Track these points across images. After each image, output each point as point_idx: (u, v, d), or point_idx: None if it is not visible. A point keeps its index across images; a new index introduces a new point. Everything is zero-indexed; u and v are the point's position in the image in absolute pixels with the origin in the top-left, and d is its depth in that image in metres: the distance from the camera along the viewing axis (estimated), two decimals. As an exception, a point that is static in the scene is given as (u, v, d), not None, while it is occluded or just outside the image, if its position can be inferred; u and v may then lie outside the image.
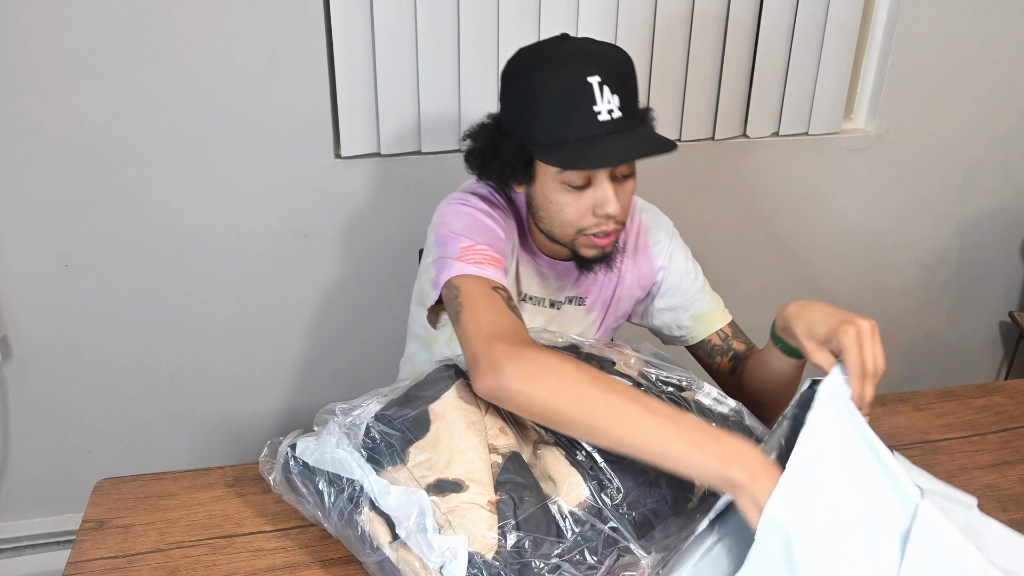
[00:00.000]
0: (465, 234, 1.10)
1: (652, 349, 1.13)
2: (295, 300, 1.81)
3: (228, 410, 1.89)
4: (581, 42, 1.08)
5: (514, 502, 0.87)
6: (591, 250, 1.14)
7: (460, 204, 1.16)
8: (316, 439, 0.96)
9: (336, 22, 1.60)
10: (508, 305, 1.02)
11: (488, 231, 1.12)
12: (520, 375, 0.91)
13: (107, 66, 1.54)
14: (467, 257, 1.07)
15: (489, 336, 0.95)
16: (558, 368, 0.91)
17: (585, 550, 0.85)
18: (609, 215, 1.08)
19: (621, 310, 1.32)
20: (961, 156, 2.09)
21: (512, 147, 1.09)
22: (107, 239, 1.66)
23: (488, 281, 1.04)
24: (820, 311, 0.99)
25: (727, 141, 1.91)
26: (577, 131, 1.03)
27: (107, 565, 0.96)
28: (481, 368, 0.93)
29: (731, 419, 1.03)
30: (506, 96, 1.11)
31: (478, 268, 1.06)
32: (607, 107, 1.03)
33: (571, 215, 1.10)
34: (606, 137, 1.03)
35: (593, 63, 1.03)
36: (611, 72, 1.03)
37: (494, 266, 1.06)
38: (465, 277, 1.05)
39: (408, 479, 0.89)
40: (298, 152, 1.68)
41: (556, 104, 1.04)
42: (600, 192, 1.07)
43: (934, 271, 2.22)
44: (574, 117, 1.03)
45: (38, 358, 1.74)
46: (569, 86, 1.03)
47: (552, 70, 1.04)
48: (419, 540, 0.85)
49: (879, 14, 1.94)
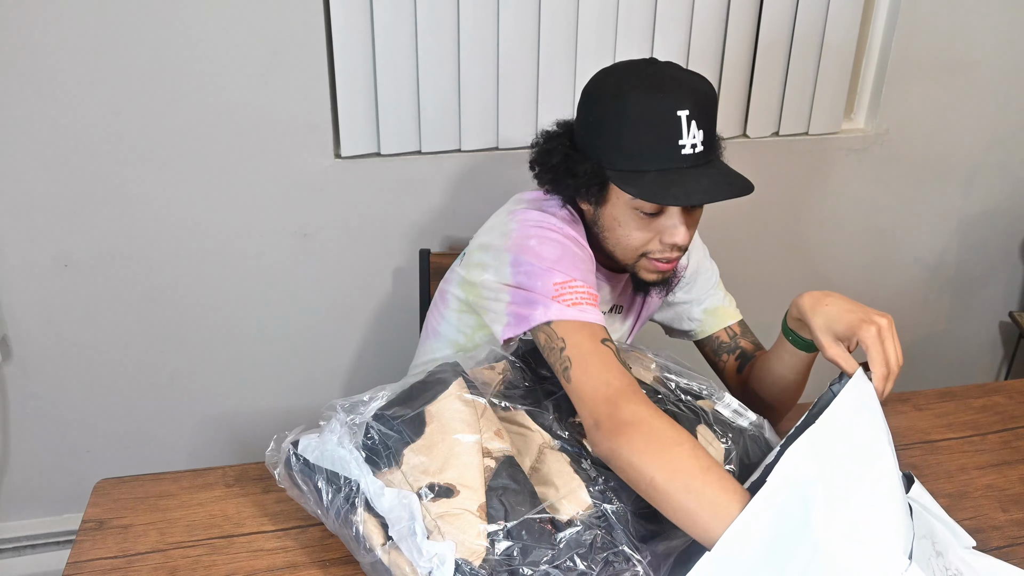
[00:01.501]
0: (558, 267, 1.04)
1: (672, 356, 1.13)
2: (295, 300, 1.81)
3: (228, 410, 1.89)
4: (670, 70, 1.05)
5: (505, 508, 0.87)
6: (652, 274, 1.13)
7: (545, 229, 1.08)
8: (319, 436, 0.96)
9: (336, 22, 1.60)
10: (618, 358, 0.98)
11: (581, 263, 1.07)
12: (634, 447, 0.88)
13: (107, 66, 1.54)
14: (564, 298, 1.01)
15: (607, 399, 0.93)
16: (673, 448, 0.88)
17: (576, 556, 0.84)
18: (677, 245, 1.07)
19: (649, 311, 1.33)
20: (961, 156, 2.09)
21: (590, 168, 1.06)
22: (107, 239, 1.66)
23: (595, 330, 1.00)
24: (836, 305, 0.99)
25: (727, 141, 1.90)
26: (659, 163, 1.02)
27: (107, 565, 0.96)
28: (603, 431, 0.91)
29: (748, 432, 1.03)
30: (588, 115, 1.08)
31: (579, 311, 1.00)
32: (691, 141, 1.01)
33: (638, 240, 1.08)
34: (688, 171, 1.02)
35: (684, 96, 1.01)
36: (699, 106, 1.02)
37: (593, 305, 1.02)
38: (568, 324, 0.99)
39: (402, 482, 0.89)
40: (298, 152, 1.68)
41: (641, 133, 1.02)
42: (671, 222, 1.06)
43: (934, 271, 2.22)
44: (659, 149, 1.01)
45: (38, 358, 1.74)
46: (657, 117, 1.01)
47: (641, 98, 1.02)
48: (409, 544, 0.85)
49: (879, 14, 1.94)
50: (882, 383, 0.93)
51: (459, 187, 1.77)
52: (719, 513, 0.83)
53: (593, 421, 0.93)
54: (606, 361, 0.97)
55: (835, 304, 0.99)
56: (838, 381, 0.95)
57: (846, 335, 0.97)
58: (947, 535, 0.96)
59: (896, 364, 0.93)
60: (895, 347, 0.94)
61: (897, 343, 0.94)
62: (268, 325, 1.82)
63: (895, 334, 0.95)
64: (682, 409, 1.01)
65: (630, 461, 0.88)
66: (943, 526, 0.96)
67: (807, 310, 1.01)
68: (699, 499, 0.84)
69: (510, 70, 1.70)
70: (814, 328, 1.00)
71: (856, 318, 0.95)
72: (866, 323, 0.94)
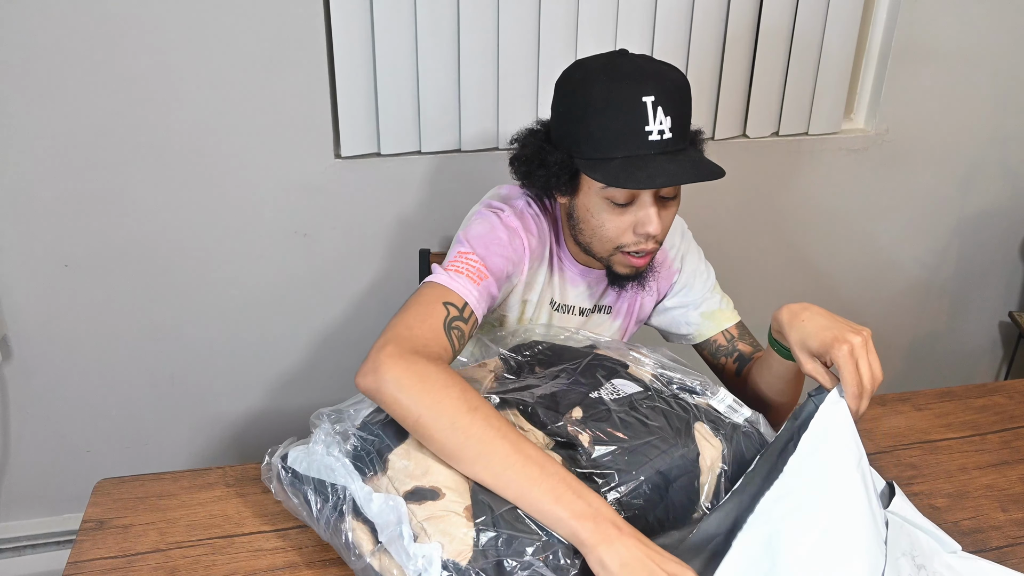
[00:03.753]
0: (471, 242, 1.09)
1: (668, 353, 1.13)
2: (295, 300, 1.81)
3: (228, 410, 1.89)
4: (639, 60, 1.07)
5: (491, 508, 0.87)
6: (626, 268, 1.14)
7: (489, 211, 1.15)
8: (307, 446, 0.96)
9: (336, 22, 1.60)
10: (445, 321, 1.00)
11: (498, 245, 1.11)
12: (400, 384, 0.90)
13: (107, 66, 1.54)
14: (453, 265, 1.07)
15: (394, 338, 0.94)
16: (440, 389, 0.89)
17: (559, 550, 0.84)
18: (649, 235, 1.08)
19: (642, 315, 1.33)
20: (961, 156, 2.09)
21: (559, 158, 1.08)
22: (107, 239, 1.66)
23: (446, 293, 1.03)
24: (811, 322, 0.98)
25: (727, 141, 1.91)
26: (626, 149, 1.02)
27: (107, 565, 0.96)
28: (367, 365, 0.92)
29: (743, 429, 1.02)
30: (558, 106, 1.10)
31: (450, 278, 1.05)
32: (659, 127, 1.02)
33: (611, 231, 1.09)
34: (655, 157, 1.02)
35: (649, 82, 1.02)
36: (666, 93, 1.03)
37: (472, 279, 1.05)
38: (433, 283, 1.04)
39: (388, 486, 0.89)
40: (298, 152, 1.68)
41: (608, 120, 1.03)
42: (643, 211, 1.07)
43: (934, 271, 2.22)
44: (625, 135, 1.02)
45: (38, 358, 1.74)
46: (623, 103, 1.02)
47: (607, 85, 1.03)
48: (397, 548, 0.86)
49: (879, 14, 1.94)
50: (855, 402, 0.91)
51: (459, 187, 1.77)
52: (484, 450, 0.86)
53: (375, 351, 0.93)
54: (428, 316, 0.99)
55: (811, 320, 0.98)
56: (817, 393, 0.95)
57: (820, 352, 0.95)
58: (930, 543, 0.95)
59: (871, 382, 0.91)
60: (870, 364, 0.92)
61: (874, 359, 0.92)
62: (268, 325, 1.82)
63: (871, 349, 0.93)
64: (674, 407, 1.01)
65: (396, 398, 0.89)
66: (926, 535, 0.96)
67: (785, 324, 1.01)
68: (466, 435, 0.86)
69: (510, 70, 1.70)
70: (791, 344, 0.99)
71: (830, 336, 0.94)
72: (839, 342, 0.92)
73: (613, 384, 1.03)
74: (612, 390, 1.02)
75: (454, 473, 0.89)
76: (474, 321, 1.05)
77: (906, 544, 0.91)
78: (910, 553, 0.90)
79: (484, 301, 1.07)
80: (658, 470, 0.93)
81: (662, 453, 0.95)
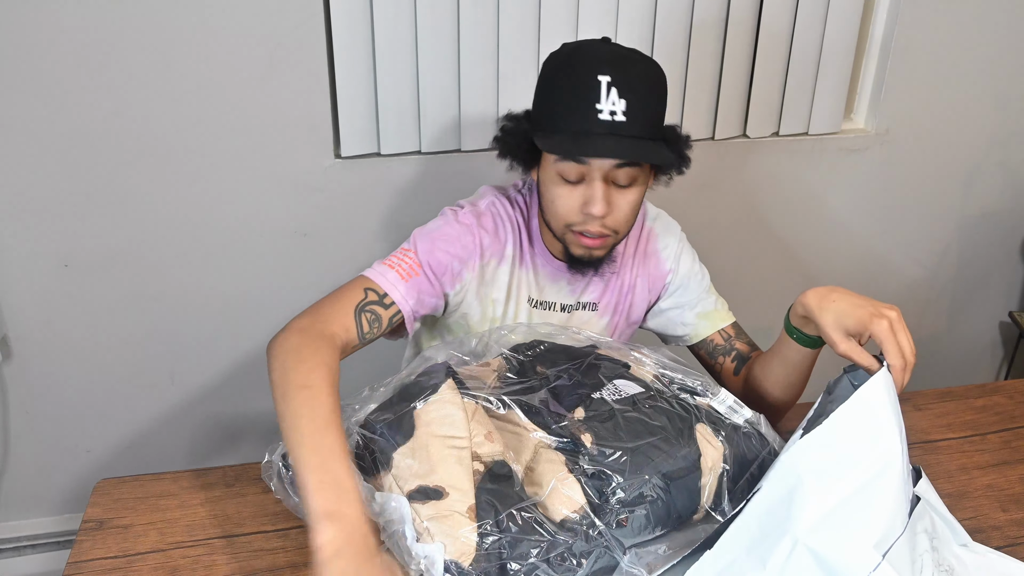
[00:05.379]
0: (416, 238, 1.18)
1: (669, 353, 1.13)
2: (295, 300, 1.80)
3: (228, 410, 1.89)
4: (617, 47, 1.10)
5: (495, 509, 0.87)
6: (579, 248, 1.15)
7: (448, 210, 1.22)
8: None
9: (336, 22, 1.60)
10: (358, 304, 1.08)
11: (443, 241, 1.17)
12: (275, 351, 1.00)
13: (107, 66, 1.54)
14: (388, 260, 1.15)
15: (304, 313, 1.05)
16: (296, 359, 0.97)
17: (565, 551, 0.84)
18: (593, 215, 1.09)
19: (634, 315, 1.32)
20: (961, 156, 2.09)
21: (521, 129, 1.14)
22: (107, 239, 1.66)
23: (370, 283, 1.12)
24: (844, 300, 0.99)
25: (727, 141, 1.91)
26: (575, 124, 1.05)
27: (107, 565, 0.96)
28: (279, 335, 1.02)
29: (743, 430, 1.02)
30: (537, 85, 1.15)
31: (382, 272, 1.13)
32: (610, 107, 1.03)
33: (561, 208, 1.11)
34: (602, 136, 1.04)
35: (607, 64, 1.04)
36: (627, 78, 1.04)
37: (401, 276, 1.13)
38: (363, 275, 1.13)
39: (392, 485, 0.89)
40: (298, 152, 1.68)
41: (562, 93, 1.07)
42: (590, 191, 1.08)
43: (934, 271, 2.22)
44: (576, 109, 1.05)
45: (38, 358, 1.74)
46: (577, 79, 1.05)
47: (570, 64, 1.08)
48: (400, 547, 0.85)
49: (879, 14, 1.94)
50: (900, 375, 0.93)
51: (459, 187, 1.77)
52: (292, 424, 0.91)
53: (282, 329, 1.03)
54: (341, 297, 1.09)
55: (842, 299, 0.99)
56: (853, 370, 0.95)
57: (857, 330, 0.97)
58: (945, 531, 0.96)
59: (911, 355, 0.94)
60: (908, 339, 0.94)
61: (908, 334, 0.95)
62: (268, 325, 1.82)
63: (905, 326, 0.95)
64: (675, 408, 1.01)
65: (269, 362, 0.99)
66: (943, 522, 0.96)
67: (814, 307, 1.01)
68: (286, 407, 0.93)
69: (510, 70, 1.70)
70: (823, 325, 0.99)
71: (867, 313, 0.96)
72: (877, 317, 0.94)
73: (615, 385, 1.03)
74: (614, 390, 1.02)
75: (459, 472, 0.89)
76: (396, 311, 1.12)
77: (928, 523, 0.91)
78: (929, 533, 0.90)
79: (411, 297, 1.13)
80: (660, 471, 0.93)
81: (664, 454, 0.95)
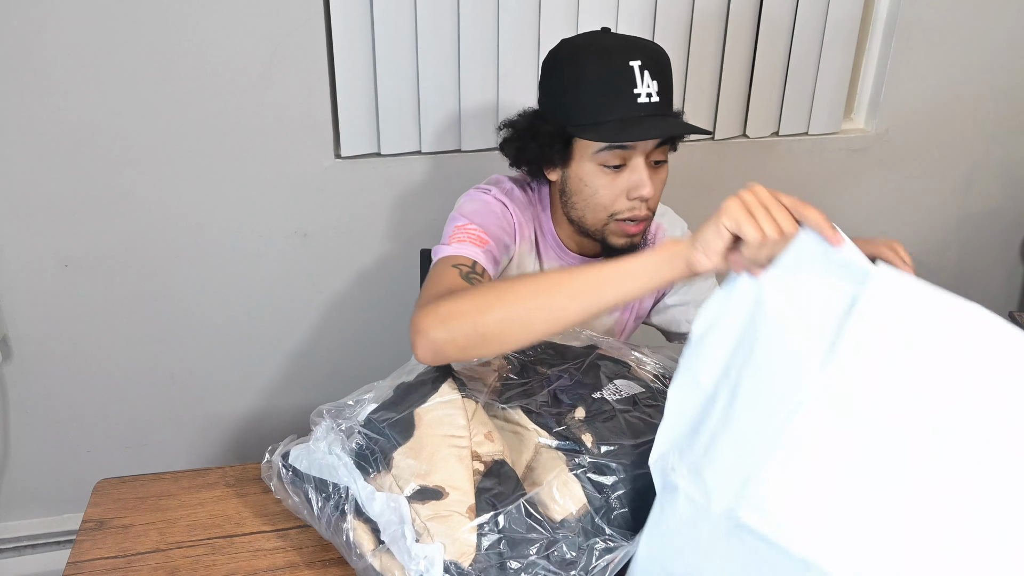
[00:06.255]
0: (468, 216, 1.14)
1: (669, 353, 1.13)
2: (295, 300, 1.81)
3: (228, 410, 1.89)
4: (621, 35, 1.14)
5: (495, 509, 0.86)
6: (621, 238, 1.15)
7: (477, 191, 1.20)
8: (307, 445, 0.96)
9: (336, 22, 1.60)
10: (461, 275, 1.05)
11: (491, 216, 1.15)
12: (437, 322, 0.91)
13: (107, 66, 1.54)
14: (454, 237, 1.11)
15: (418, 306, 0.97)
16: (462, 295, 0.94)
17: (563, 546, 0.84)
18: (643, 197, 1.10)
19: (642, 310, 1.33)
20: (961, 156, 2.09)
21: (551, 128, 1.12)
22: (107, 239, 1.66)
23: (455, 259, 1.07)
24: None
25: (727, 141, 1.91)
26: (618, 111, 1.07)
27: (107, 565, 0.96)
28: (412, 338, 0.94)
29: None
30: (547, 83, 1.15)
31: (455, 247, 1.09)
32: (647, 90, 1.07)
33: (606, 197, 1.12)
34: (645, 118, 1.07)
35: (635, 49, 1.08)
36: (652, 60, 1.08)
37: (474, 244, 1.10)
38: (442, 258, 1.09)
39: (392, 485, 0.89)
40: (298, 152, 1.68)
41: (598, 86, 1.07)
42: (636, 175, 1.10)
43: (934, 271, 2.22)
44: (615, 98, 1.07)
45: (38, 358, 1.74)
46: (612, 70, 1.07)
47: (596, 55, 1.09)
48: (399, 547, 0.85)
49: (879, 14, 1.94)
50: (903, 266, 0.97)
51: (459, 187, 1.76)
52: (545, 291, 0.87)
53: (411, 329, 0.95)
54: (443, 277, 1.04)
55: None
56: None
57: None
58: None
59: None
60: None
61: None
62: (268, 325, 1.82)
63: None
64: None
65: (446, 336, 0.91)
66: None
67: None
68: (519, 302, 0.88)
69: (510, 70, 1.70)
70: None
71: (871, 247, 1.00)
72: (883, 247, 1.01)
73: (616, 384, 1.03)
74: (615, 390, 1.02)
75: (459, 472, 0.89)
76: (488, 276, 1.08)
77: None
78: None
79: (491, 264, 1.10)
80: (660, 470, 0.93)
81: (664, 453, 0.94)
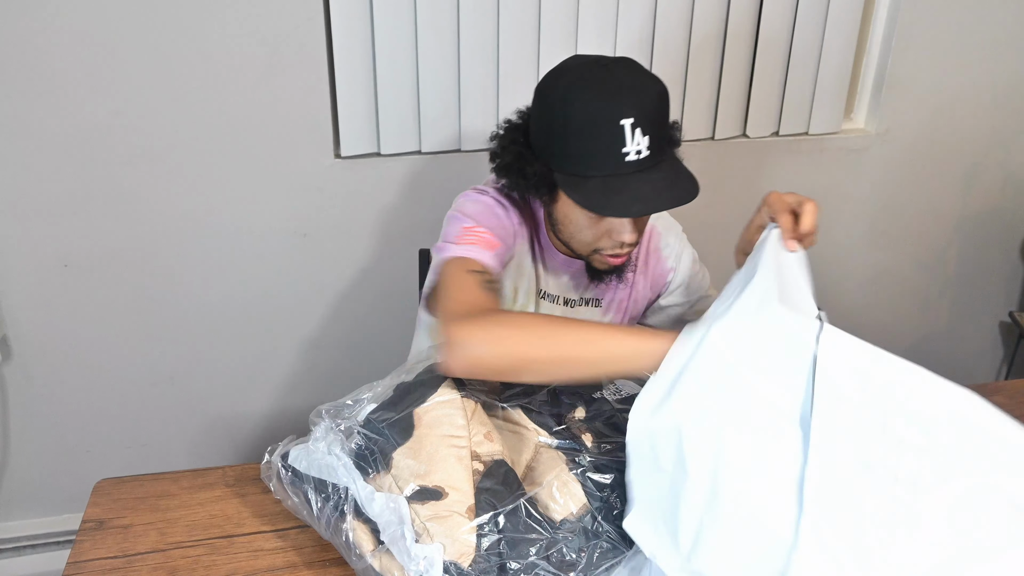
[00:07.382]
0: (472, 217, 1.13)
1: None
2: (295, 300, 1.81)
3: (228, 410, 1.89)
4: (619, 73, 1.05)
5: (495, 509, 0.86)
6: (603, 265, 1.16)
7: (477, 193, 1.19)
8: (306, 445, 0.96)
9: (336, 22, 1.60)
10: (481, 285, 1.04)
11: (495, 218, 1.15)
12: (478, 341, 0.92)
13: (107, 66, 1.54)
14: (463, 239, 1.10)
15: (450, 317, 0.97)
16: (510, 322, 0.95)
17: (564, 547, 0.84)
18: (624, 243, 1.10)
19: (636, 311, 1.34)
20: (961, 156, 2.09)
21: (539, 170, 1.09)
22: (107, 239, 1.66)
23: (467, 262, 1.07)
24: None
25: (727, 141, 1.91)
26: (604, 169, 1.03)
27: (107, 565, 0.96)
28: (448, 349, 0.94)
29: None
30: (538, 115, 1.10)
31: (466, 249, 1.08)
32: (635, 148, 1.02)
33: (589, 237, 1.12)
34: (631, 177, 1.03)
35: (629, 103, 1.02)
36: (644, 112, 1.02)
37: (486, 248, 1.09)
38: (452, 259, 1.08)
39: (391, 485, 0.89)
40: (298, 152, 1.68)
41: (586, 139, 1.03)
42: (618, 222, 1.09)
43: (934, 271, 2.22)
44: (603, 156, 1.03)
45: (38, 358, 1.74)
46: (601, 125, 1.02)
47: (587, 105, 1.02)
48: (399, 548, 0.85)
49: (879, 14, 1.94)
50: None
51: (459, 187, 1.76)
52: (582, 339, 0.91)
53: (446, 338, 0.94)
54: (462, 287, 1.03)
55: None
56: None
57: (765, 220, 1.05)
58: None
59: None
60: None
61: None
62: (268, 325, 1.82)
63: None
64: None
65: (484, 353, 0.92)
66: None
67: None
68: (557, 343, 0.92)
69: (510, 70, 1.70)
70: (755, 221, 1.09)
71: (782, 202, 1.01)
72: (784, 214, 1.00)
73: (616, 384, 1.03)
74: (615, 390, 1.02)
75: (459, 472, 0.89)
76: (500, 279, 1.09)
77: None
78: None
79: (500, 268, 1.11)
80: (659, 470, 0.93)
81: (663, 453, 0.94)
